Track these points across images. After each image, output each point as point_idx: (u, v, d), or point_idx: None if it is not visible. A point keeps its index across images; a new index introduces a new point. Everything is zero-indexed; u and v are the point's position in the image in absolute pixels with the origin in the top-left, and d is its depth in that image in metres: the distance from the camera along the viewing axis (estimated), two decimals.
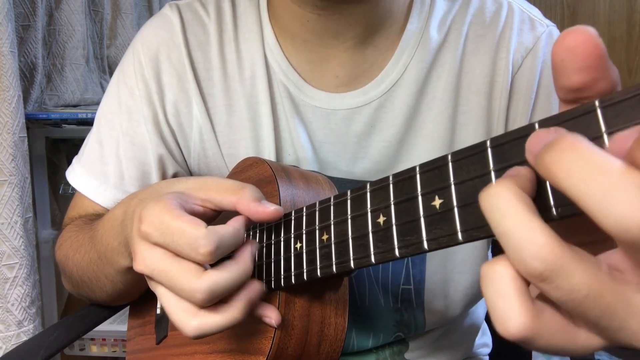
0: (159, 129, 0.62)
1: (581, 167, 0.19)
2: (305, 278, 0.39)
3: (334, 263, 0.36)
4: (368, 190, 0.34)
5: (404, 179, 0.31)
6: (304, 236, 0.40)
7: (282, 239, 0.42)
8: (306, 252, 0.39)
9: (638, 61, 1.61)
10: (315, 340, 0.44)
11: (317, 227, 0.39)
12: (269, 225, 0.45)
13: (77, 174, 0.65)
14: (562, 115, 0.22)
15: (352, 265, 0.34)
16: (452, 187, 0.27)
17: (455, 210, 0.26)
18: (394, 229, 0.31)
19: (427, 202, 0.28)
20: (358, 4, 0.54)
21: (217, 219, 0.44)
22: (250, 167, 0.52)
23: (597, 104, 0.21)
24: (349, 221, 0.35)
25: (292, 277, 0.41)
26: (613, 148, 0.20)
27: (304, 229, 0.40)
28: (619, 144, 0.20)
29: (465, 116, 0.58)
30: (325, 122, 0.59)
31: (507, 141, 0.24)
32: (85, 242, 0.58)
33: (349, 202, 0.36)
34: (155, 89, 0.61)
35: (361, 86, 0.59)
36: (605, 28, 1.63)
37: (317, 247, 0.38)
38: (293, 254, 0.41)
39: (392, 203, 0.31)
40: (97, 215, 0.63)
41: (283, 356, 0.43)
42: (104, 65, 1.48)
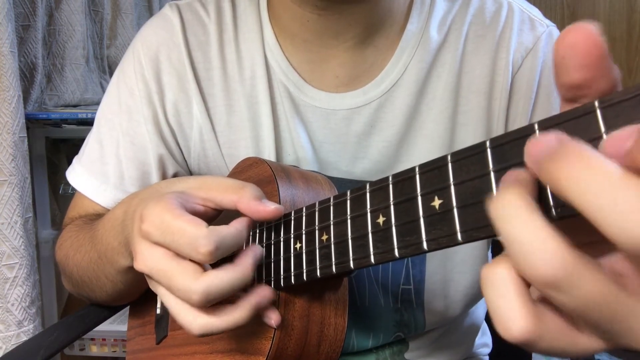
0: (159, 129, 0.62)
1: (587, 178, 0.19)
2: (305, 278, 0.39)
3: (333, 263, 0.36)
4: (368, 191, 0.34)
5: (403, 179, 0.31)
6: (303, 236, 0.40)
7: (282, 239, 0.42)
8: (306, 253, 0.39)
9: (638, 61, 1.61)
10: (314, 340, 0.44)
11: (316, 228, 0.39)
12: (269, 225, 0.45)
13: (77, 173, 0.65)
14: (561, 115, 0.22)
15: (352, 265, 0.34)
16: (452, 188, 0.27)
17: (455, 210, 0.26)
18: (394, 229, 0.31)
19: (426, 203, 0.28)
20: (358, 4, 0.54)
21: (219, 218, 0.44)
22: (250, 167, 0.52)
23: (596, 104, 0.21)
24: (349, 221, 0.35)
25: (292, 277, 0.41)
26: (610, 147, 0.20)
27: (304, 229, 0.40)
28: (616, 143, 0.20)
29: (465, 116, 0.58)
30: (325, 122, 0.59)
31: (506, 142, 0.24)
32: (86, 242, 0.58)
33: (348, 202, 0.36)
34: (155, 89, 0.61)
35: (361, 86, 0.59)
36: (605, 28, 1.62)
37: (317, 248, 0.38)
38: (293, 254, 0.41)
39: (391, 203, 0.31)
40: (97, 215, 0.63)
41: (283, 356, 0.43)
42: (104, 65, 1.48)
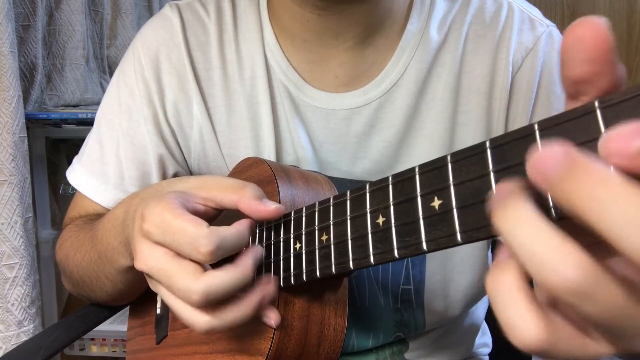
0: (159, 129, 0.62)
1: (604, 198, 0.19)
2: (305, 278, 0.39)
3: (333, 263, 0.36)
4: (367, 191, 0.34)
5: (403, 180, 0.31)
6: (303, 236, 0.40)
7: (282, 240, 0.42)
8: (305, 253, 0.39)
9: (638, 61, 1.61)
10: (314, 340, 0.44)
11: (316, 228, 0.39)
12: (269, 225, 0.45)
13: (78, 173, 0.65)
14: (561, 115, 0.22)
15: (351, 265, 0.34)
16: (452, 188, 0.27)
17: (455, 211, 0.26)
18: (393, 229, 0.31)
19: (426, 203, 0.28)
20: (358, 4, 0.54)
21: (221, 219, 0.44)
22: (250, 167, 0.52)
23: (596, 104, 0.21)
24: (349, 222, 0.35)
25: (292, 277, 0.41)
26: (614, 144, 0.19)
27: (304, 230, 0.40)
28: (620, 141, 0.19)
29: (465, 116, 0.58)
30: (325, 122, 0.59)
31: (506, 142, 0.24)
32: (86, 241, 0.58)
33: (348, 202, 0.36)
34: (156, 89, 0.61)
35: (361, 86, 0.59)
36: None
37: (317, 248, 0.38)
38: (292, 255, 0.41)
39: (391, 204, 0.31)
40: (97, 215, 0.63)
41: (282, 357, 0.43)
42: (104, 65, 1.48)
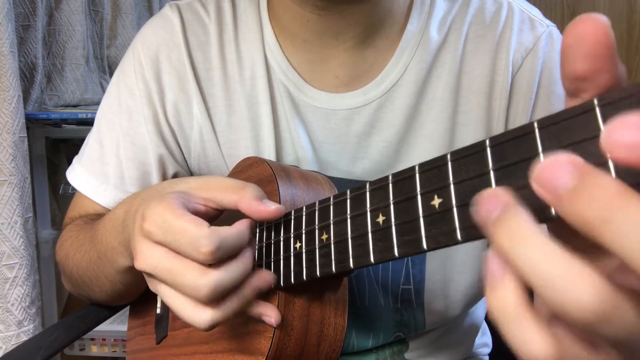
0: (159, 129, 0.62)
1: (620, 215, 0.18)
2: (305, 278, 0.39)
3: (333, 263, 0.36)
4: (367, 190, 0.34)
5: (403, 179, 0.31)
6: (303, 236, 0.40)
7: (282, 239, 0.42)
8: (305, 252, 0.39)
9: (638, 61, 1.61)
10: (314, 340, 0.44)
11: (316, 227, 0.39)
12: (269, 224, 0.45)
13: (78, 173, 0.65)
14: (561, 114, 0.22)
15: (352, 264, 0.34)
16: (452, 187, 0.27)
17: (455, 209, 0.26)
18: (393, 228, 0.31)
19: (426, 202, 0.28)
20: (358, 4, 0.54)
21: (222, 219, 0.44)
22: (250, 167, 0.52)
23: (595, 102, 0.21)
24: (349, 221, 0.35)
25: (292, 276, 0.41)
26: (611, 138, 0.19)
27: (304, 229, 0.40)
28: (620, 134, 0.19)
29: (465, 116, 0.58)
30: (325, 122, 0.59)
31: (506, 140, 0.24)
32: (86, 241, 0.58)
33: (348, 201, 0.36)
34: (156, 89, 0.61)
35: (361, 86, 0.59)
36: None
37: (317, 247, 0.38)
38: (292, 254, 0.41)
39: (391, 202, 0.31)
40: (97, 215, 0.63)
41: (282, 356, 0.43)
42: (104, 65, 1.48)
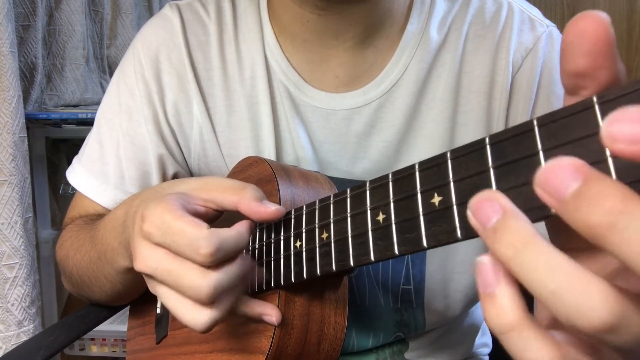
0: (159, 129, 0.62)
1: (630, 228, 0.18)
2: (305, 276, 0.39)
3: (333, 261, 0.36)
4: (367, 188, 0.34)
5: (403, 177, 0.31)
6: (303, 235, 0.40)
7: (282, 238, 0.42)
8: (306, 251, 0.39)
9: (638, 61, 1.61)
10: (314, 339, 0.44)
11: (316, 226, 0.39)
12: (269, 224, 0.45)
13: (78, 173, 0.65)
14: (560, 111, 0.22)
15: (352, 263, 0.34)
16: (451, 185, 0.27)
17: (454, 207, 0.26)
18: (394, 226, 0.31)
19: (426, 200, 0.28)
20: (358, 4, 0.54)
21: (222, 220, 0.44)
22: (250, 167, 0.52)
23: (595, 99, 0.21)
24: (349, 219, 0.35)
25: (292, 275, 0.41)
26: (612, 131, 0.19)
27: (304, 228, 0.40)
28: (622, 126, 0.18)
29: (465, 116, 0.58)
30: (325, 122, 0.59)
31: (505, 138, 0.24)
32: (86, 242, 0.58)
33: (348, 200, 0.36)
34: (156, 89, 0.61)
35: (361, 86, 0.59)
36: None
37: (317, 246, 0.38)
38: (293, 253, 0.41)
39: (391, 201, 0.31)
40: (97, 215, 0.63)
41: (283, 355, 0.43)
42: (104, 65, 1.48)
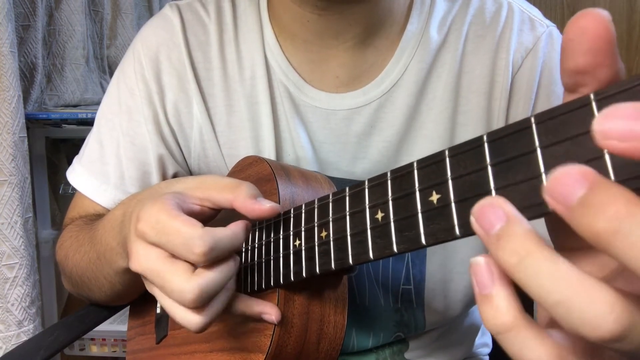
0: (160, 129, 0.62)
1: (634, 233, 0.18)
2: (304, 275, 0.39)
3: (332, 260, 0.36)
4: (366, 187, 0.34)
5: (401, 175, 0.31)
6: (302, 233, 0.40)
7: (281, 237, 0.43)
8: (305, 250, 0.39)
9: (638, 61, 1.61)
10: (314, 338, 0.44)
11: (315, 224, 0.39)
12: (268, 223, 0.45)
13: (78, 173, 0.65)
14: (558, 108, 0.22)
15: (351, 261, 0.34)
16: (450, 182, 0.27)
17: (453, 205, 0.26)
18: (392, 224, 0.31)
19: (424, 198, 0.28)
20: (358, 4, 0.54)
21: (220, 218, 0.44)
22: (249, 166, 0.52)
23: (592, 97, 0.21)
24: (348, 217, 0.35)
25: (291, 274, 0.41)
26: (604, 127, 0.19)
27: (303, 227, 0.40)
28: (614, 123, 0.18)
29: (465, 116, 0.58)
30: (325, 122, 0.59)
31: (503, 135, 0.24)
32: (85, 242, 0.58)
33: (347, 198, 0.36)
34: (156, 89, 0.61)
35: (361, 86, 0.59)
36: None
37: (316, 244, 0.38)
38: (292, 252, 0.41)
39: (390, 199, 0.31)
40: (97, 215, 0.63)
41: (282, 354, 0.43)
42: (104, 65, 1.48)
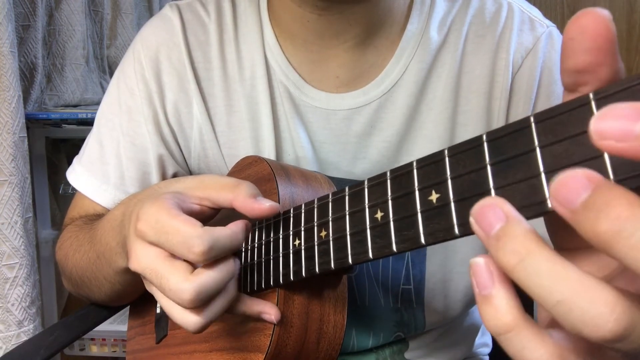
0: (159, 129, 0.62)
1: (636, 235, 0.18)
2: (304, 275, 0.39)
3: (332, 259, 0.36)
4: (366, 186, 0.34)
5: (401, 175, 0.31)
6: (302, 233, 0.40)
7: (281, 237, 0.43)
8: (304, 249, 0.39)
9: (638, 61, 1.61)
10: (314, 337, 0.44)
11: (315, 224, 0.39)
12: (268, 222, 0.45)
13: (78, 174, 0.65)
14: (557, 108, 0.22)
15: (350, 260, 0.34)
16: (449, 182, 0.27)
17: (452, 204, 0.26)
18: (392, 224, 0.31)
19: (424, 197, 0.28)
20: (358, 3, 0.54)
21: (220, 218, 0.44)
22: (249, 166, 0.52)
23: (591, 96, 0.21)
24: (347, 217, 0.35)
25: (291, 274, 0.41)
26: (601, 127, 0.19)
27: (302, 226, 0.40)
28: (611, 122, 0.18)
29: (465, 116, 0.58)
30: (326, 123, 0.59)
31: (502, 135, 0.24)
32: (85, 242, 0.58)
33: (347, 198, 0.36)
34: (156, 89, 0.61)
35: (361, 86, 0.59)
36: None
37: (316, 244, 0.38)
38: (291, 251, 0.41)
39: (389, 198, 0.31)
40: (97, 215, 0.63)
41: (282, 353, 0.43)
42: (104, 65, 1.48)
